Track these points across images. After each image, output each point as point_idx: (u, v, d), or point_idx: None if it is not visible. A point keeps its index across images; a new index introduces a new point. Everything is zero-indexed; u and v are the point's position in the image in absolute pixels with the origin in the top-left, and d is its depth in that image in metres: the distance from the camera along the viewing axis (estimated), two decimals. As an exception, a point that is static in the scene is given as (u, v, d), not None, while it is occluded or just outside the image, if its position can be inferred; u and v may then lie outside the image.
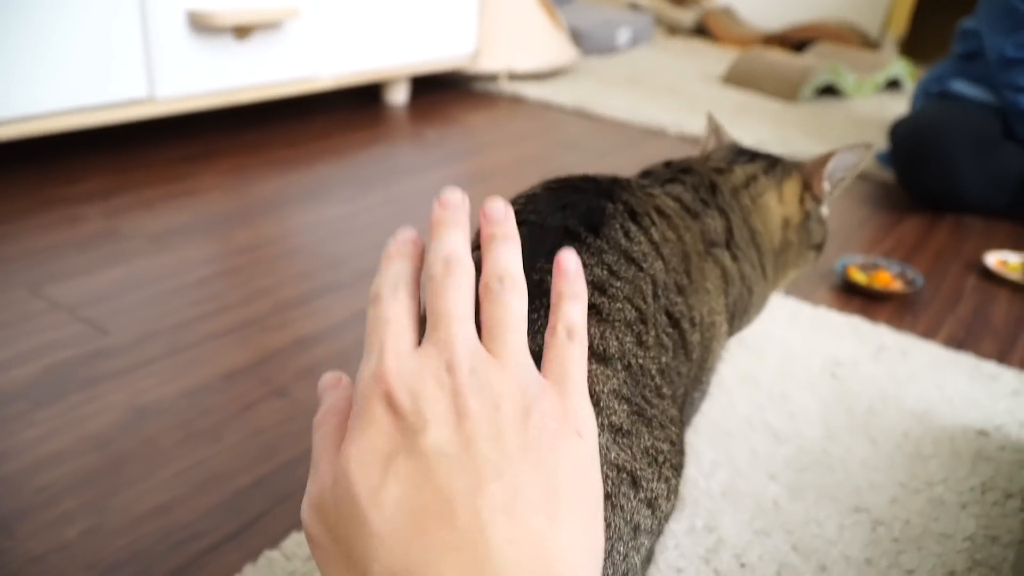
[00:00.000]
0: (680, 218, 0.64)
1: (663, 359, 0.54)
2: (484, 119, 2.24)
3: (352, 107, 2.21)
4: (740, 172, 0.79)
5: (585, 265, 0.50)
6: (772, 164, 0.82)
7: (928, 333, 1.22)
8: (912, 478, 0.87)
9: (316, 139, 1.92)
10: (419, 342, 0.38)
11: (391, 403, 0.35)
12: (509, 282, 0.39)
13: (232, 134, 1.90)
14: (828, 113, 2.52)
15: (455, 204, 0.41)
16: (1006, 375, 1.10)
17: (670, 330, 0.55)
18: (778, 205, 0.80)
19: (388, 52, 2.09)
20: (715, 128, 0.90)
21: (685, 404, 0.60)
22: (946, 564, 0.75)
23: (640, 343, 0.51)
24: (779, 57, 2.80)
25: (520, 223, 0.47)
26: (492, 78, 2.52)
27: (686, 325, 0.57)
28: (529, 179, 1.77)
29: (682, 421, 0.56)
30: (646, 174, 0.76)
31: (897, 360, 1.11)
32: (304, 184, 1.64)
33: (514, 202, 0.59)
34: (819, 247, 0.85)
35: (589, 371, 0.47)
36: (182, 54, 1.62)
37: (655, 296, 0.54)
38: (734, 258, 0.69)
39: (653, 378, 0.52)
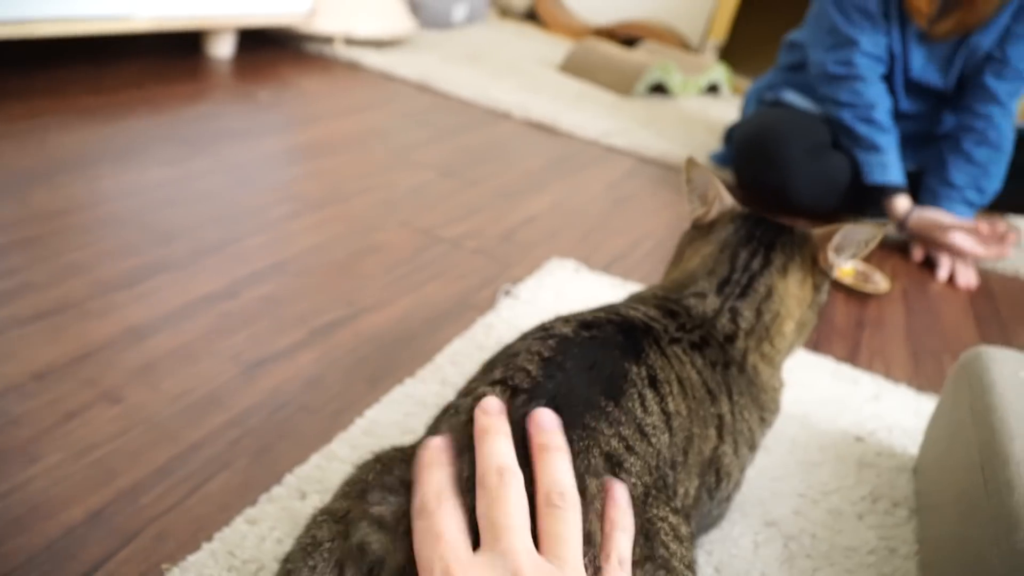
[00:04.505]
0: (699, 401, 0.66)
1: (669, 506, 0.57)
2: (320, 84, 2.06)
3: (169, 56, 1.95)
4: (745, 325, 0.74)
5: (603, 434, 0.54)
6: (775, 258, 0.77)
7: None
8: (808, 487, 0.86)
9: (127, 87, 1.67)
10: (472, 549, 0.40)
11: None
12: (570, 499, 0.43)
13: (26, 74, 1.60)
14: (660, 109, 2.58)
15: (497, 411, 0.45)
16: (863, 379, 1.13)
17: (664, 492, 0.58)
18: (795, 306, 0.77)
19: (217, 0, 1.86)
20: (715, 189, 0.82)
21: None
22: (860, 581, 0.75)
23: (645, 506, 0.54)
24: (614, 51, 2.83)
25: (550, 376, 0.56)
26: (327, 40, 2.33)
27: (671, 494, 0.60)
28: (376, 155, 1.65)
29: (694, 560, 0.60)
30: (670, 313, 0.72)
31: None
32: (115, 139, 1.40)
33: (546, 337, 0.62)
34: (823, 306, 0.84)
35: None
36: (-37, -30, 1.33)
37: (657, 467, 0.57)
38: (734, 444, 0.70)
39: (666, 530, 0.54)
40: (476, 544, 0.42)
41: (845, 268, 1.55)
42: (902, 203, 1.73)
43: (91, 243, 1.06)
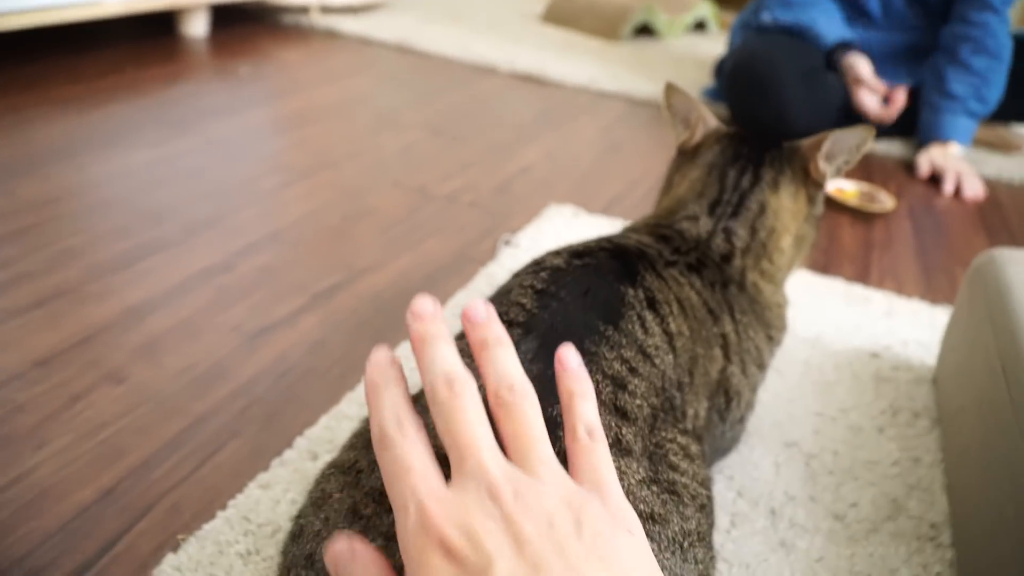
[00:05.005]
0: (700, 322, 0.64)
1: (677, 428, 0.56)
2: (299, 55, 2.03)
3: (144, 39, 1.91)
4: (740, 244, 0.72)
5: (605, 358, 0.52)
6: (764, 173, 0.75)
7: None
8: (826, 406, 0.85)
9: (105, 74, 1.64)
10: (444, 474, 0.37)
11: (448, 550, 0.33)
12: (520, 390, 0.38)
13: (1, 69, 1.58)
14: (647, 52, 2.53)
15: (430, 314, 0.39)
16: (875, 297, 1.12)
17: (671, 413, 0.57)
18: (790, 220, 0.76)
19: (184, -24, 1.82)
20: (697, 111, 0.80)
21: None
22: (885, 492, 0.73)
23: (653, 429, 0.53)
24: (595, -5, 2.77)
25: (545, 306, 0.55)
26: (303, 10, 2.29)
27: (679, 415, 0.58)
28: (362, 120, 1.63)
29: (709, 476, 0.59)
30: (663, 238, 0.71)
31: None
32: (98, 126, 1.38)
33: (538, 271, 0.60)
34: (820, 219, 0.82)
35: (615, 466, 0.47)
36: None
37: (663, 389, 0.56)
38: (742, 364, 0.68)
39: (675, 450, 0.53)
40: (444, 464, 0.38)
41: (848, 190, 1.53)
42: (844, 56, 1.74)
43: (83, 229, 1.04)
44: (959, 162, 1.69)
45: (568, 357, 0.42)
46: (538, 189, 1.38)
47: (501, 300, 0.59)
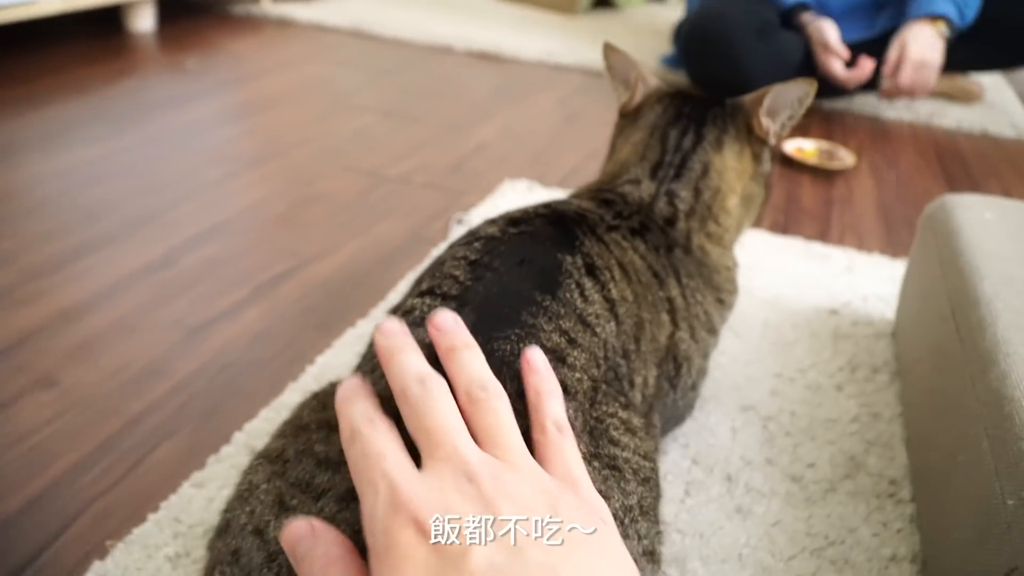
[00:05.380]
0: (645, 286, 0.62)
1: (619, 401, 0.54)
2: (252, 45, 1.98)
3: (89, 37, 1.86)
4: (684, 207, 0.70)
5: (543, 331, 0.50)
6: (707, 132, 0.72)
7: (754, 223, 1.20)
8: (784, 367, 0.83)
9: (46, 74, 1.59)
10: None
11: (422, 529, 0.32)
12: (492, 388, 0.39)
13: (-69, 76, 1.53)
14: (607, 24, 2.50)
15: (397, 331, 0.40)
16: (835, 254, 1.10)
17: (615, 384, 0.55)
18: (735, 179, 0.73)
19: (123, -30, 1.77)
20: (636, 71, 0.78)
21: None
22: (843, 450, 0.72)
23: (594, 403, 0.51)
24: (552, -31, 2.74)
25: (479, 277, 0.53)
26: (254, 0, 2.24)
27: (625, 384, 0.56)
28: (316, 104, 1.59)
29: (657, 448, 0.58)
30: (605, 202, 0.68)
31: (738, 250, 1.07)
32: (37, 126, 1.34)
33: (472, 241, 0.58)
34: (769, 176, 0.79)
35: None
36: None
37: (605, 359, 0.54)
38: (690, 329, 0.66)
39: (616, 425, 0.51)
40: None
41: (808, 149, 1.51)
42: (805, 16, 1.73)
43: (16, 232, 1.01)
44: (935, 54, 1.61)
45: (535, 358, 0.43)
46: (494, 166, 1.35)
47: (434, 273, 0.56)
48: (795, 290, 0.99)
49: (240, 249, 1.02)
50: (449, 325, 0.41)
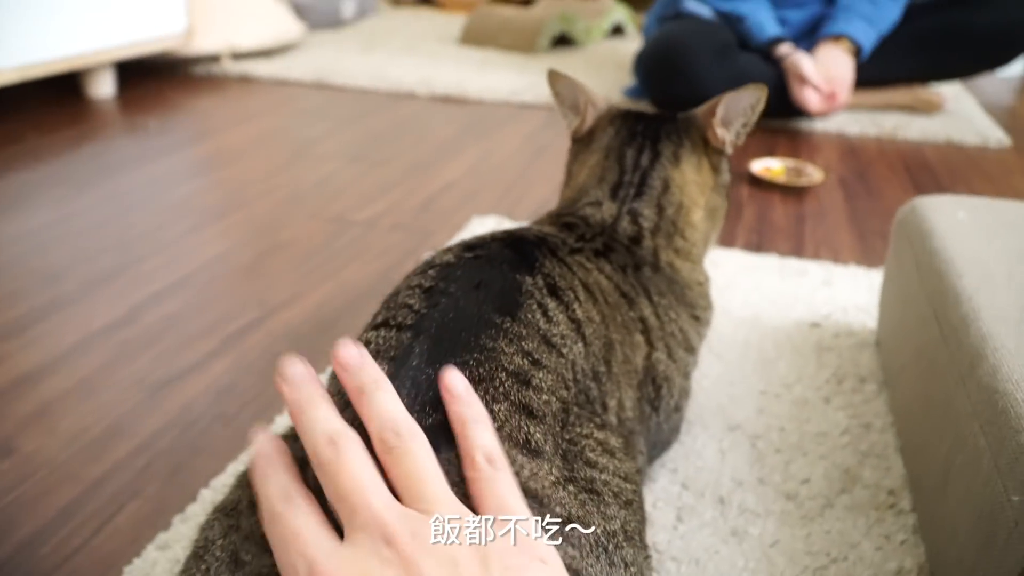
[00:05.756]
0: (613, 307, 0.60)
1: (594, 422, 0.51)
2: (214, 102, 1.97)
3: (49, 105, 1.84)
4: (648, 224, 0.69)
5: (504, 353, 0.48)
6: (663, 148, 0.72)
7: (727, 243, 1.20)
8: (768, 384, 0.81)
9: (5, 144, 1.56)
10: (338, 536, 0.34)
11: None
12: (406, 432, 0.37)
13: None
14: (568, 59, 2.52)
15: (301, 377, 0.38)
16: (811, 268, 1.09)
17: (587, 407, 0.52)
18: (697, 193, 0.72)
19: (82, 36, 1.76)
20: (585, 95, 0.77)
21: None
22: (837, 464, 0.69)
23: (565, 426, 0.48)
24: (510, 12, 2.76)
25: (434, 304, 0.50)
26: (214, 59, 2.23)
27: (598, 407, 0.54)
28: (280, 154, 1.57)
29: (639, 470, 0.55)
30: (567, 226, 0.67)
31: (711, 271, 1.06)
32: (-5, 195, 1.31)
33: (427, 269, 0.56)
34: (728, 185, 0.78)
35: (526, 468, 0.43)
36: None
37: (575, 380, 0.52)
38: (667, 349, 0.64)
39: (592, 446, 0.49)
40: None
41: (775, 167, 1.51)
42: (782, 49, 1.75)
43: (-29, 301, 0.97)
44: (843, 70, 1.71)
45: (453, 382, 0.40)
46: (462, 203, 1.33)
47: (389, 304, 0.54)
48: (774, 306, 0.97)
49: (205, 302, 0.99)
50: (355, 362, 0.39)
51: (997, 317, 0.57)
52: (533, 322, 0.51)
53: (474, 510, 0.37)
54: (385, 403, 0.38)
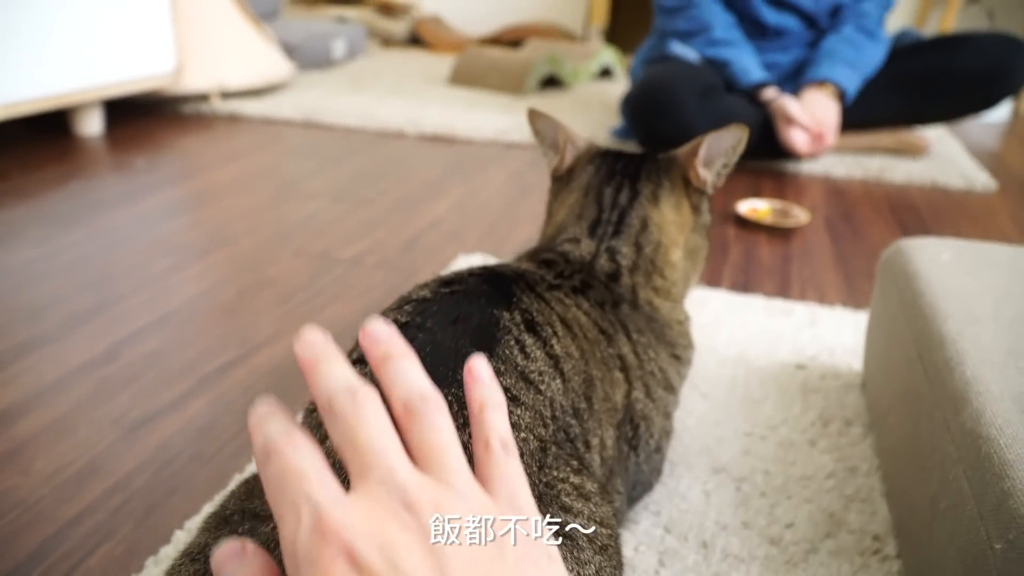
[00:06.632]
0: (592, 343, 0.59)
1: (571, 465, 0.50)
2: (202, 140, 1.97)
3: (36, 143, 1.84)
4: (626, 262, 0.69)
5: None
6: (642, 187, 0.72)
7: (713, 282, 1.20)
8: (754, 425, 0.81)
9: (-12, 180, 1.56)
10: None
11: (355, 562, 0.28)
12: (433, 401, 0.34)
13: None
14: (555, 101, 2.54)
15: (319, 340, 0.35)
16: (797, 308, 1.09)
17: (567, 445, 0.52)
18: (676, 232, 0.72)
19: (70, 74, 1.77)
20: (564, 134, 0.77)
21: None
22: (822, 508, 0.69)
23: (543, 467, 0.48)
24: (498, 53, 2.80)
25: (411, 339, 0.45)
26: (203, 98, 2.24)
27: (580, 446, 0.53)
28: (265, 192, 1.57)
29: (616, 511, 0.54)
30: (545, 263, 0.67)
31: (697, 310, 1.06)
32: (-23, 231, 1.30)
33: (403, 305, 0.55)
34: (709, 226, 0.79)
35: None
36: None
37: (553, 418, 0.51)
38: (645, 388, 0.63)
39: (567, 491, 0.48)
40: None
41: (762, 208, 1.52)
42: (768, 93, 1.79)
43: (-52, 337, 0.96)
44: (829, 114, 1.75)
45: (478, 368, 0.38)
46: (447, 241, 1.33)
47: None
48: (760, 347, 0.97)
49: (186, 340, 0.98)
50: (383, 335, 0.36)
51: (981, 360, 0.57)
52: (511, 358, 0.51)
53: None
54: (413, 371, 0.35)
